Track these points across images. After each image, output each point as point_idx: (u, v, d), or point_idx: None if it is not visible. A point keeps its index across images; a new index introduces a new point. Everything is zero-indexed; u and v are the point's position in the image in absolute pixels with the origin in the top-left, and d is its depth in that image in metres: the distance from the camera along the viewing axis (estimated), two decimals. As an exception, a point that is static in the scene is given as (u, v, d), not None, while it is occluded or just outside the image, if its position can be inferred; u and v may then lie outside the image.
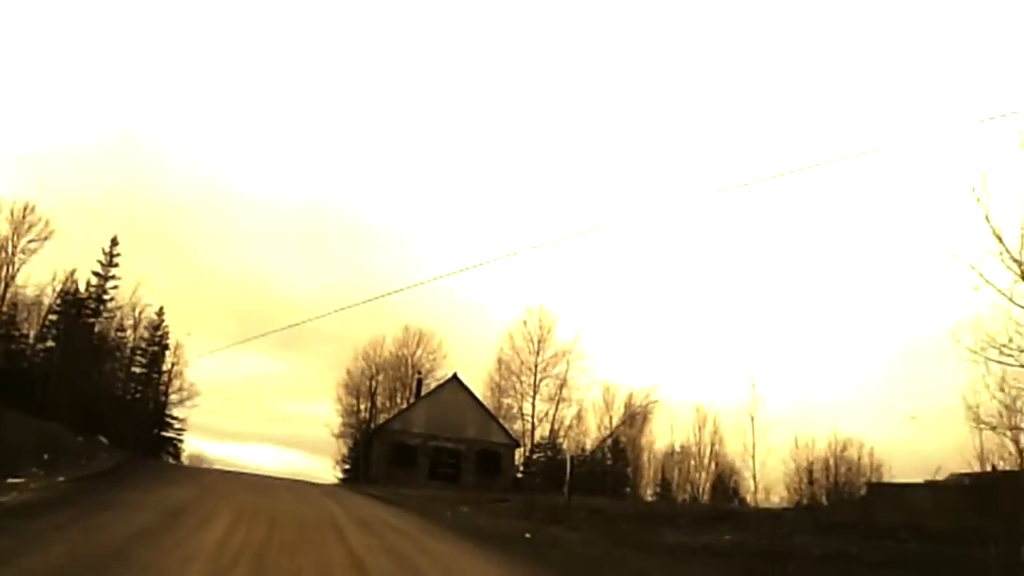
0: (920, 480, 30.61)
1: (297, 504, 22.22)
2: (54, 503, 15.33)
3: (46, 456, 24.19)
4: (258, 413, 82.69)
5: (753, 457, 23.71)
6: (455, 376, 54.34)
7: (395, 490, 36.48)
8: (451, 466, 51.65)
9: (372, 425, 60.48)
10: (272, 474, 55.28)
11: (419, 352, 62.77)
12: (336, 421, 63.53)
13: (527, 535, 20.75)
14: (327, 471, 65.79)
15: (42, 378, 36.35)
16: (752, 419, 23.09)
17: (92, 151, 66.49)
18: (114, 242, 42.92)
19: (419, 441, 51.75)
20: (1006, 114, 13.10)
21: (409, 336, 62.74)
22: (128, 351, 54.09)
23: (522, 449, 56.47)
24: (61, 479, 21.00)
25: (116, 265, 43.23)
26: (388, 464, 51.23)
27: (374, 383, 63.08)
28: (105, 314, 42.28)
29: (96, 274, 43.05)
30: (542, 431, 57.98)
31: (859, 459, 53.05)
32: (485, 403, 55.05)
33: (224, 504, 17.76)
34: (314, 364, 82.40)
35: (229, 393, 78.13)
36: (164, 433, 57.73)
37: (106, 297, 42.87)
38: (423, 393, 56.15)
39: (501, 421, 55.07)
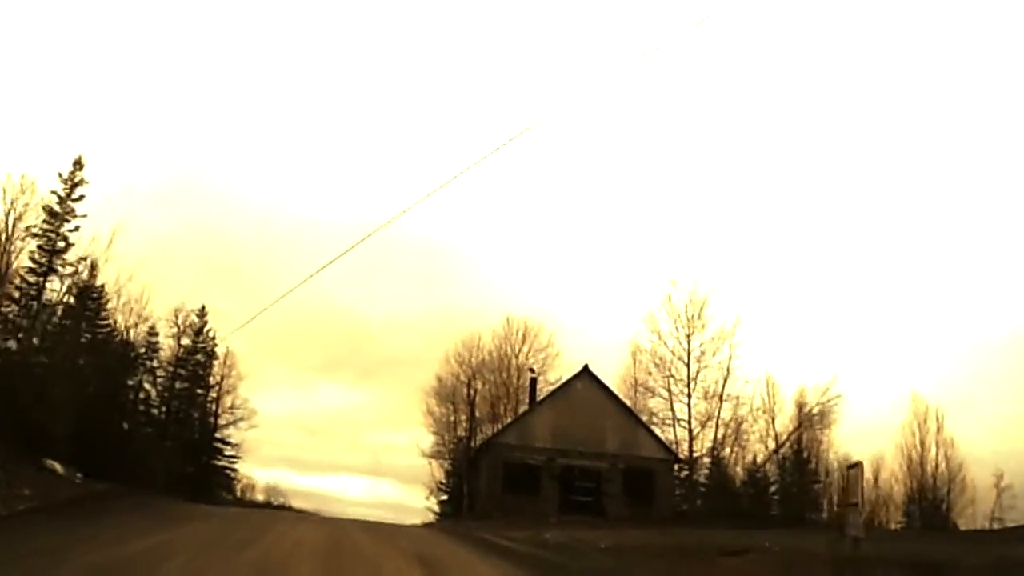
0: None
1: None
2: None
3: None
4: (343, 443, 75.24)
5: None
6: (586, 369, 39.90)
7: (533, 533, 22.24)
8: (590, 491, 37.50)
9: (473, 441, 46.85)
10: (345, 512, 43.55)
11: (525, 350, 49.33)
12: (427, 439, 50.08)
13: None
14: (420, 501, 52.64)
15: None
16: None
17: (155, 187, 57.42)
18: (78, 164, 28.13)
19: (543, 459, 37.75)
20: None
21: (511, 331, 49.29)
22: (165, 362, 42.27)
23: (678, 465, 41.75)
24: None
25: (81, 198, 27.49)
26: (501, 491, 37.61)
27: (472, 389, 49.49)
28: (59, 265, 27.09)
29: (47, 209, 27.31)
30: (702, 441, 43.12)
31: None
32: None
33: None
34: (398, 392, 76.94)
35: (312, 424, 71.42)
36: (214, 461, 45.36)
37: (61, 245, 26.98)
38: (539, 397, 42.47)
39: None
